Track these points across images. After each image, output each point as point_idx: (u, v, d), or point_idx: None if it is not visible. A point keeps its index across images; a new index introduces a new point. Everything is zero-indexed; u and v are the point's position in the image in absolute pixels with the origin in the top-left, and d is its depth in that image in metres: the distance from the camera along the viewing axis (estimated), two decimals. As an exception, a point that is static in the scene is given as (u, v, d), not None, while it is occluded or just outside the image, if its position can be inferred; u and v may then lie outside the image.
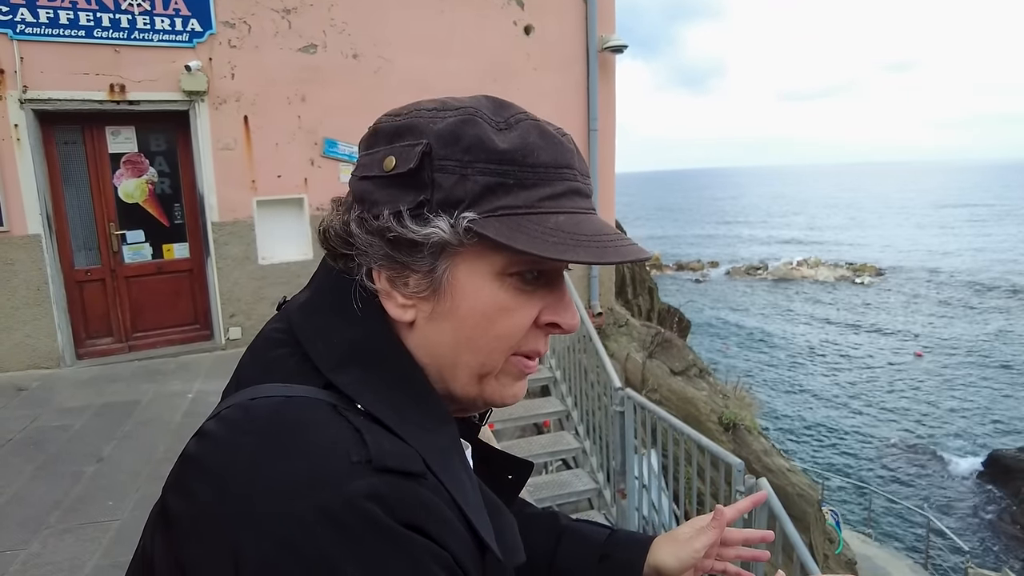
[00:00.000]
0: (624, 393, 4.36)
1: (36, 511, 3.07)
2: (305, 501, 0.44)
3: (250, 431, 0.49)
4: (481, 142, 0.53)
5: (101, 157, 5.54)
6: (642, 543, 0.85)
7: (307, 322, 0.57)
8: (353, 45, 6.08)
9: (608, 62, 7.12)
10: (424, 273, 0.54)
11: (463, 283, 0.55)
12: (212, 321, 5.98)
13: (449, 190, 0.52)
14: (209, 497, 0.46)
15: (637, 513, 4.37)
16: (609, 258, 0.54)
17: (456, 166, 0.52)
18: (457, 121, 0.53)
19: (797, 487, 6.46)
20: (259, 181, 5.88)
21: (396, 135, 0.55)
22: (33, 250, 5.27)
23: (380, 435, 0.49)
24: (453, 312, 0.55)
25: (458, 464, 0.55)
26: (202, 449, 0.50)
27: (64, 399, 4.69)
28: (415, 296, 0.55)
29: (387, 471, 0.47)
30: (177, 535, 0.48)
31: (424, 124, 0.54)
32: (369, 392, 0.53)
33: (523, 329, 0.58)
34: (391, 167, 0.54)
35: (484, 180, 0.53)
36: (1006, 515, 13.08)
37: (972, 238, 51.32)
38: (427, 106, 0.56)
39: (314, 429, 0.48)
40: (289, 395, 0.51)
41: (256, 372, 0.56)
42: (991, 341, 23.64)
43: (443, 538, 0.47)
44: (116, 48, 5.30)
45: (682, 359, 7.62)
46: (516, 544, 0.61)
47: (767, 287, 34.76)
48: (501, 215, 0.53)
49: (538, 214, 0.54)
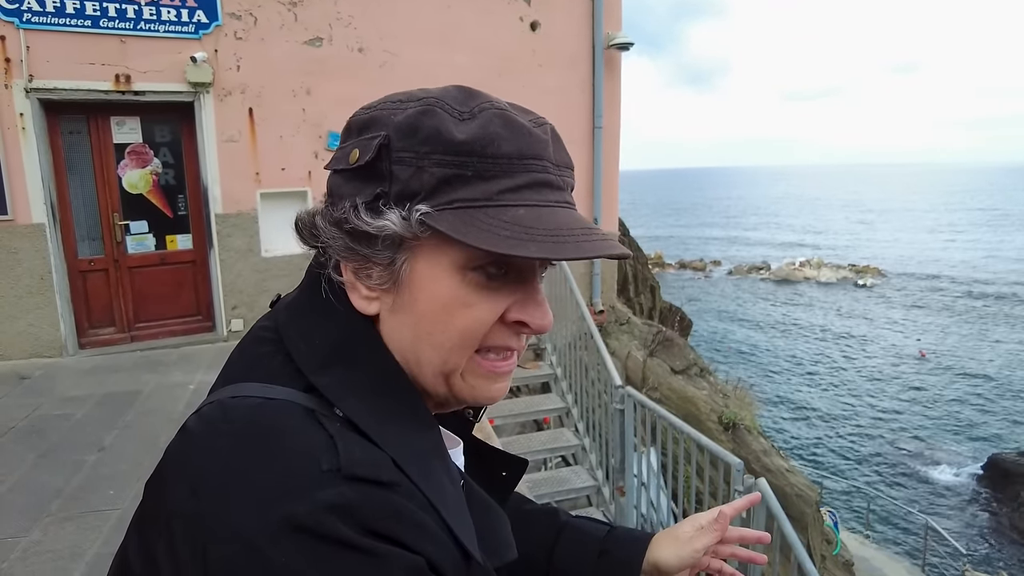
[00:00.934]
0: (624, 391, 4.37)
1: (37, 499, 3.09)
2: (273, 509, 0.43)
3: (226, 433, 0.49)
4: (438, 133, 0.52)
5: (106, 147, 5.54)
6: (641, 541, 0.85)
7: (291, 322, 0.58)
8: (359, 39, 6.07)
9: (614, 59, 7.09)
10: (384, 266, 0.54)
11: (422, 276, 0.54)
12: (214, 313, 5.99)
13: (405, 182, 0.52)
14: (183, 497, 0.47)
15: (635, 511, 4.37)
16: (567, 254, 0.51)
17: (413, 158, 0.52)
18: (416, 112, 0.53)
19: (796, 487, 6.46)
20: (263, 173, 5.88)
21: (364, 128, 0.56)
22: (37, 239, 5.29)
23: (353, 442, 0.49)
24: (412, 305, 0.55)
25: (439, 468, 0.55)
26: (181, 447, 0.51)
27: (66, 388, 4.70)
28: (378, 288, 0.55)
29: (357, 479, 0.46)
30: (152, 533, 0.48)
31: (386, 116, 0.54)
32: (349, 396, 0.53)
33: (485, 325, 0.56)
34: (355, 160, 0.54)
35: (440, 172, 0.52)
36: (1004, 519, 13.07)
37: (976, 241, 51.17)
38: (395, 98, 0.56)
39: (288, 435, 0.48)
40: (268, 397, 0.51)
41: (241, 369, 0.57)
42: (993, 345, 23.60)
43: (418, 544, 0.47)
44: (122, 38, 5.30)
45: (683, 358, 7.62)
46: (507, 542, 0.61)
47: (769, 287, 34.72)
48: (457, 207, 0.51)
49: (495, 207, 0.52)
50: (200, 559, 0.44)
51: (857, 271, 36.99)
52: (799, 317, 28.24)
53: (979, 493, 14.08)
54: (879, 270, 37.15)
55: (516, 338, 0.59)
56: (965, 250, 46.69)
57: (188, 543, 0.45)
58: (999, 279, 35.15)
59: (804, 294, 32.73)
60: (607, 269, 7.46)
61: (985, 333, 25.06)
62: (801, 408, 18.67)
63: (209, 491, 0.46)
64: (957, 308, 29.15)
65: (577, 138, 6.96)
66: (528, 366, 5.77)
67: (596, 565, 0.84)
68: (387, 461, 0.50)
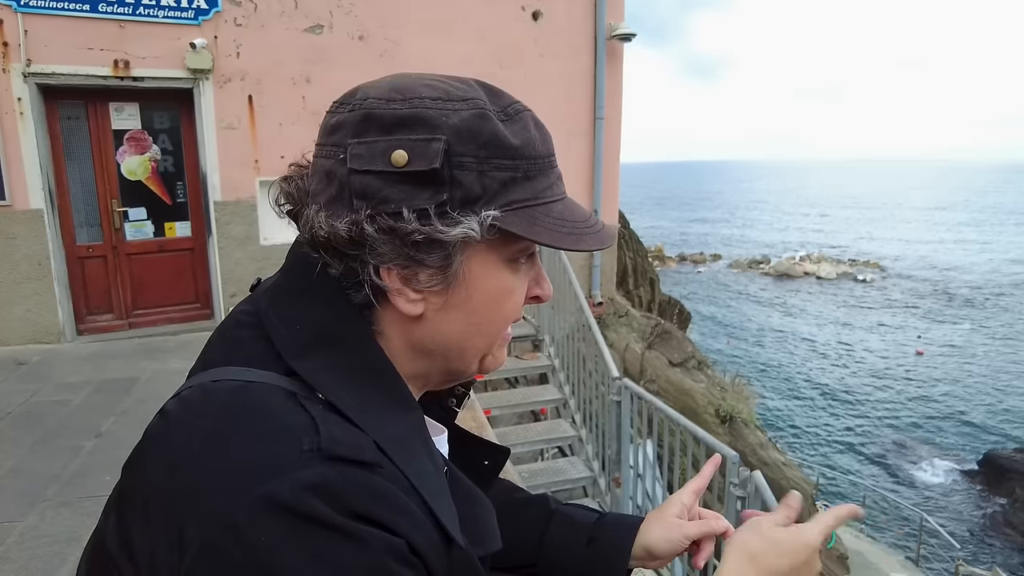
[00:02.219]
0: (622, 383, 4.37)
1: (34, 484, 3.10)
2: (253, 487, 0.43)
3: (206, 414, 0.49)
4: (497, 138, 0.53)
5: (104, 133, 5.52)
6: (631, 526, 0.85)
7: (273, 307, 0.57)
8: (360, 26, 6.03)
9: (616, 50, 7.06)
10: (437, 268, 0.54)
11: (477, 274, 0.56)
12: (213, 300, 5.99)
13: (468, 187, 0.52)
14: (161, 477, 0.46)
15: (631, 502, 4.39)
16: (606, 243, 0.58)
17: (474, 163, 0.52)
18: (472, 116, 0.53)
19: (792, 481, 6.49)
20: (262, 161, 5.86)
21: (400, 125, 0.52)
22: (35, 225, 5.27)
23: (334, 424, 0.49)
24: (466, 302, 0.56)
25: (422, 452, 0.55)
26: (159, 429, 0.51)
27: (64, 374, 4.71)
28: (426, 290, 0.55)
29: (338, 459, 0.46)
30: (129, 514, 0.48)
31: (435, 117, 0.52)
32: (331, 380, 0.52)
33: (521, 306, 0.61)
34: (403, 162, 0.51)
35: (501, 176, 0.53)
36: (998, 515, 13.15)
37: (978, 239, 51.13)
38: (427, 93, 0.54)
39: (269, 416, 0.48)
40: (249, 380, 0.51)
41: (221, 354, 0.57)
42: (991, 342, 23.63)
43: (398, 526, 0.47)
44: (121, 23, 5.26)
45: (681, 351, 7.64)
46: (491, 531, 0.61)
47: (769, 281, 34.74)
48: (516, 208, 0.54)
49: (543, 204, 0.56)
50: (177, 538, 0.43)
51: (857, 266, 37.00)
52: (797, 312, 28.26)
53: (974, 489, 14.15)
54: (879, 266, 37.17)
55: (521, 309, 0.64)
56: (966, 247, 46.67)
57: (165, 522, 0.44)
58: (999, 277, 35.15)
59: (803, 289, 32.74)
60: (607, 261, 7.45)
61: (983, 331, 25.09)
62: (798, 402, 18.72)
63: (188, 470, 0.45)
64: (956, 306, 29.18)
65: (578, 129, 6.93)
66: (526, 357, 5.78)
67: (585, 552, 0.83)
68: (370, 443, 0.50)
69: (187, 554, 0.43)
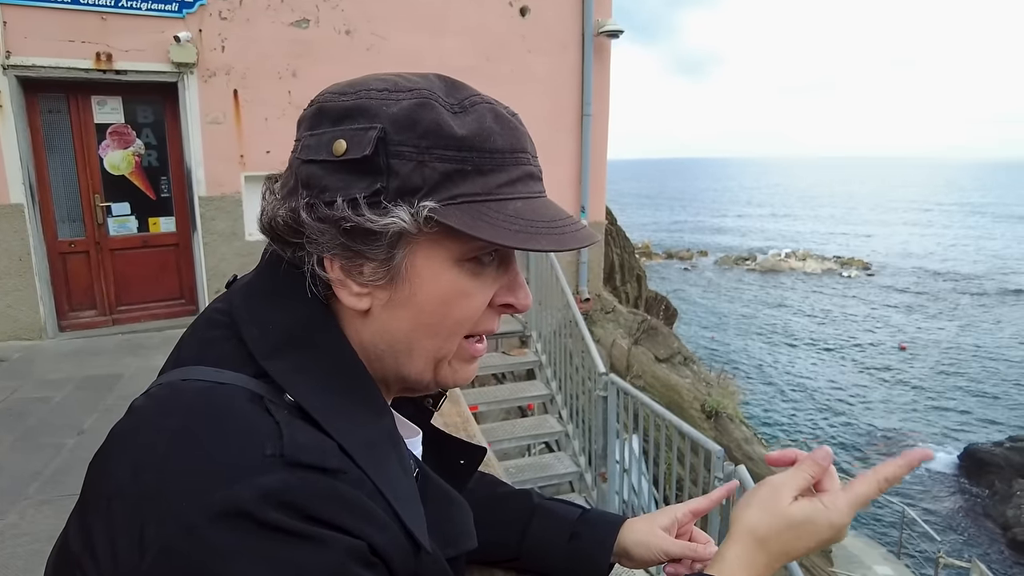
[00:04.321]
0: (608, 378, 4.40)
1: (14, 482, 3.06)
2: (213, 492, 0.43)
3: (172, 414, 0.49)
4: (439, 127, 0.52)
5: (87, 127, 5.45)
6: (613, 523, 0.85)
7: (245, 306, 0.57)
8: (346, 21, 5.99)
9: (604, 47, 7.06)
10: (380, 261, 0.53)
11: (421, 270, 0.54)
12: (198, 296, 5.94)
13: (406, 177, 0.51)
14: (125, 477, 0.46)
15: (617, 496, 4.42)
16: (568, 244, 0.54)
17: (413, 152, 0.51)
18: (413, 104, 0.52)
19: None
20: (248, 156, 5.82)
21: (345, 116, 0.53)
22: (15, 220, 5.20)
23: (299, 429, 0.48)
24: (411, 299, 0.55)
25: (390, 456, 0.54)
26: (128, 427, 0.51)
27: (45, 371, 4.65)
28: (371, 284, 0.54)
29: (300, 466, 0.46)
30: (91, 513, 0.48)
31: (376, 106, 0.52)
32: (300, 382, 0.52)
33: (480, 311, 0.58)
34: (342, 151, 0.51)
35: (443, 167, 0.52)
36: (979, 507, 13.36)
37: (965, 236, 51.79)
38: (375, 85, 0.54)
39: (233, 420, 0.48)
40: (217, 381, 0.51)
41: (192, 352, 0.56)
42: (973, 338, 23.97)
43: (360, 530, 0.47)
44: (103, 16, 5.19)
45: (667, 346, 7.68)
46: (466, 531, 0.61)
47: (755, 278, 34.99)
48: (461, 203, 0.52)
49: (496, 200, 0.53)
50: (137, 539, 0.43)
51: (842, 263, 37.36)
52: (784, 308, 28.50)
53: (955, 482, 14.36)
54: (864, 262, 37.54)
55: (497, 320, 0.61)
56: (952, 244, 47.27)
57: (126, 523, 0.44)
58: (982, 272, 35.65)
59: (788, 285, 33.01)
60: (594, 257, 7.47)
61: (966, 326, 25.44)
62: (782, 397, 18.90)
63: (150, 472, 0.45)
64: (940, 301, 29.55)
65: (566, 125, 6.94)
66: (513, 353, 5.78)
67: (567, 548, 0.84)
68: (334, 448, 0.49)
69: (147, 554, 0.42)
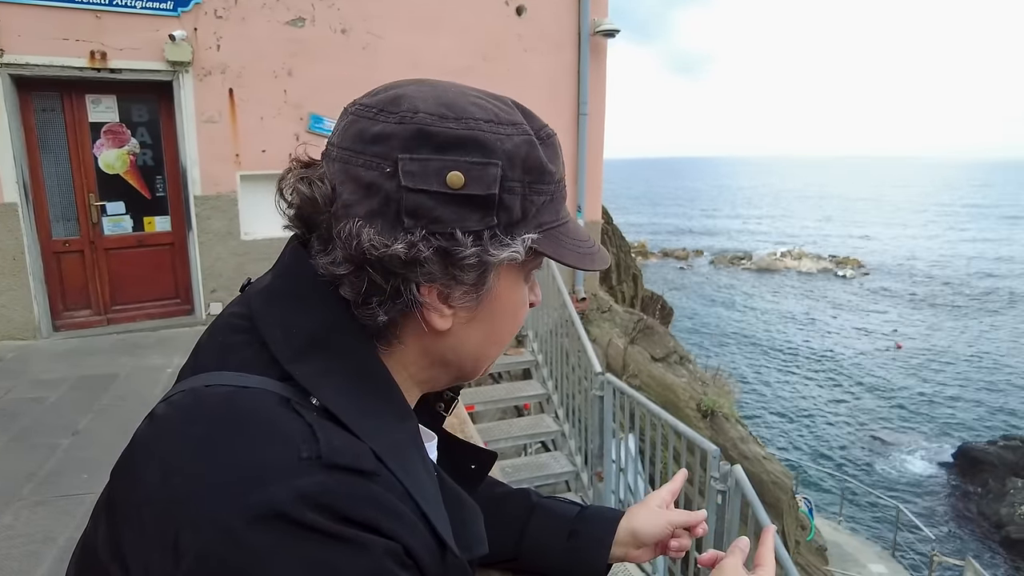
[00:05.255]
0: (604, 378, 4.40)
1: (9, 483, 3.04)
2: (251, 494, 0.43)
3: (200, 419, 0.48)
4: (540, 164, 0.55)
5: (81, 126, 5.42)
6: (611, 520, 0.86)
7: (267, 310, 0.56)
8: (342, 20, 5.98)
9: (600, 46, 7.07)
10: (472, 286, 0.55)
11: (503, 291, 0.58)
12: (193, 296, 5.92)
13: (513, 211, 0.54)
14: (155, 484, 0.45)
15: (613, 495, 4.42)
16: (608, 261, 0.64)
17: (519, 187, 0.54)
18: (523, 142, 0.54)
19: (772, 475, 6.57)
20: (243, 155, 5.80)
21: (456, 146, 0.52)
22: (9, 219, 5.17)
23: (332, 431, 0.48)
24: (491, 315, 0.59)
25: (416, 460, 0.55)
26: (151, 434, 0.50)
27: (40, 371, 4.63)
28: (459, 306, 0.56)
29: (337, 468, 0.46)
30: (120, 521, 0.47)
31: (491, 141, 0.53)
32: (327, 386, 0.52)
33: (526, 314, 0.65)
34: (460, 184, 0.51)
35: (538, 200, 0.56)
36: (972, 506, 13.43)
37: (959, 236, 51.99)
38: (480, 115, 0.53)
39: (265, 423, 0.47)
40: (242, 385, 0.50)
41: (212, 358, 0.55)
42: (967, 337, 24.07)
43: (396, 533, 0.47)
44: (97, 14, 5.17)
45: (663, 346, 7.69)
46: (478, 536, 0.62)
47: (750, 277, 35.08)
48: (545, 230, 0.57)
49: (562, 225, 0.59)
50: (171, 545, 0.42)
51: (837, 262, 37.46)
52: (777, 307, 28.57)
53: (949, 481, 14.43)
54: (859, 261, 37.65)
55: None
56: (946, 244, 47.45)
57: (159, 530, 0.44)
58: (976, 273, 35.80)
59: (783, 284, 33.10)
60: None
61: (961, 326, 25.55)
62: (778, 397, 18.94)
63: (182, 477, 0.45)
64: (935, 301, 29.67)
65: (562, 125, 6.93)
66: (510, 352, 5.78)
67: (566, 546, 0.84)
68: (367, 451, 0.49)
69: (183, 561, 0.42)
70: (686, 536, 0.87)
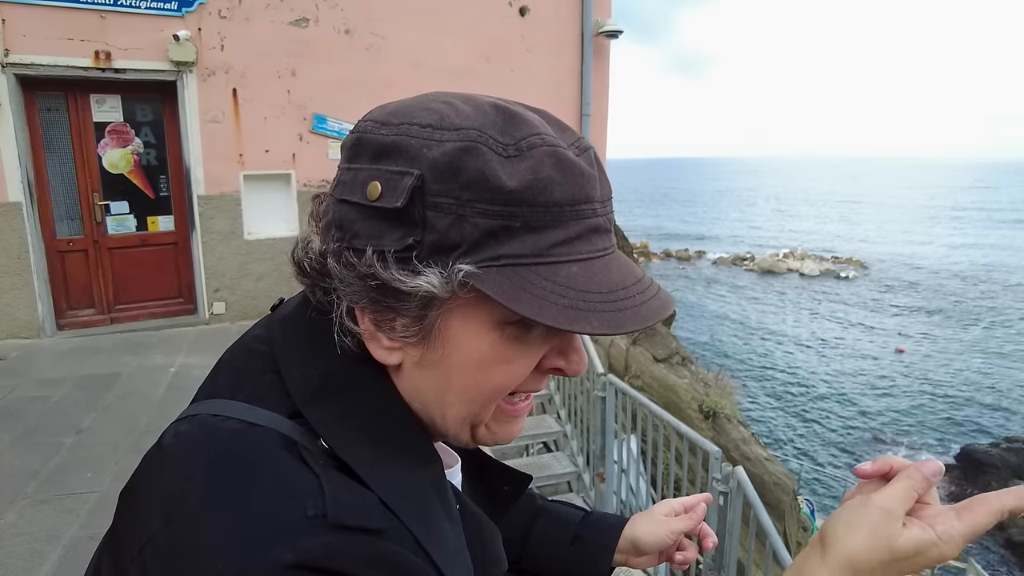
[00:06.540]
0: (606, 379, 4.39)
1: (13, 481, 3.06)
2: (255, 553, 0.41)
3: (204, 461, 0.46)
4: (484, 178, 0.44)
5: (85, 125, 5.44)
6: (615, 526, 0.86)
7: (286, 342, 0.53)
8: (346, 20, 5.99)
9: (603, 47, 7.07)
10: (412, 318, 0.47)
11: (457, 332, 0.48)
12: (196, 295, 5.93)
13: (443, 232, 0.45)
14: (157, 526, 0.44)
15: (615, 496, 4.42)
16: (626, 325, 0.46)
17: (453, 204, 0.44)
18: (457, 149, 0.45)
19: (774, 476, 6.57)
20: (247, 155, 5.81)
21: (383, 153, 0.47)
22: (13, 218, 5.19)
23: (339, 484, 0.45)
24: (444, 361, 0.49)
25: (436, 507, 0.52)
26: (157, 465, 0.49)
27: (43, 370, 4.65)
28: (402, 340, 0.49)
29: (344, 528, 0.43)
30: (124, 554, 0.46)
31: (416, 147, 0.45)
32: (342, 432, 0.49)
33: (521, 378, 0.52)
34: (376, 196, 0.46)
35: (485, 223, 0.45)
36: (975, 508, 13.38)
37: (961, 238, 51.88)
38: (421, 118, 0.47)
39: (270, 472, 0.45)
40: (251, 422, 0.48)
41: (228, 382, 0.53)
42: (970, 339, 24.03)
43: None
44: (102, 14, 5.18)
45: (665, 347, 7.69)
46: (496, 557, 0.60)
47: (753, 278, 35.04)
48: (504, 265, 0.45)
49: (546, 264, 0.46)
50: None
51: (840, 263, 37.40)
52: (781, 308, 28.54)
53: (951, 483, 14.40)
54: (861, 263, 37.60)
55: (545, 380, 0.55)
56: (948, 246, 47.36)
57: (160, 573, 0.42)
58: (979, 275, 35.72)
59: (786, 285, 33.06)
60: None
61: (962, 328, 25.50)
62: (780, 398, 18.93)
63: (183, 524, 0.43)
64: (936, 303, 29.60)
65: (564, 126, 6.93)
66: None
67: (569, 551, 0.85)
68: (375, 502, 0.47)
69: None
70: (692, 548, 0.86)
